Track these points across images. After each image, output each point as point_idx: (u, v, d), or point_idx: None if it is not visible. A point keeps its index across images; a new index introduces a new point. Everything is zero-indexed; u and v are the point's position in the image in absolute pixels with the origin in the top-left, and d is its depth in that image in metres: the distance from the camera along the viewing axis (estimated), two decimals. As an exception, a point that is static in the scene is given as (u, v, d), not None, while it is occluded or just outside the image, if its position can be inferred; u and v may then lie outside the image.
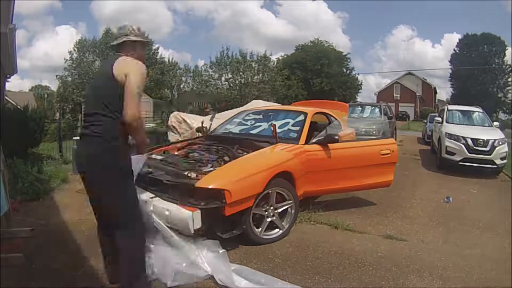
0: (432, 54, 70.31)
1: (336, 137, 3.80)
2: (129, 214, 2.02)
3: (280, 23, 69.59)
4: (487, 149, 6.78)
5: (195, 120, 7.19)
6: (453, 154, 7.01)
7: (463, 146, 6.91)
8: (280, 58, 30.47)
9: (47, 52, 64.07)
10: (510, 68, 36.54)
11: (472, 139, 6.90)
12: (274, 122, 4.01)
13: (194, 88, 25.38)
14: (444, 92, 68.98)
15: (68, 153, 7.17)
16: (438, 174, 6.93)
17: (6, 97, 11.59)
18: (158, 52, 28.18)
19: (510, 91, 37.26)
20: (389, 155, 4.10)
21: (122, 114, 1.88)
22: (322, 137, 3.80)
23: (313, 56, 29.27)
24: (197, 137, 4.59)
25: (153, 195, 2.94)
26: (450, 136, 7.18)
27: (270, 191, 3.09)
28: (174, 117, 7.71)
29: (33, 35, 77.11)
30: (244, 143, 3.69)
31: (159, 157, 3.52)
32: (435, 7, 71.20)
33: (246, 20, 65.59)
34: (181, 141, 4.54)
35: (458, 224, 3.93)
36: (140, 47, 2.20)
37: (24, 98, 19.53)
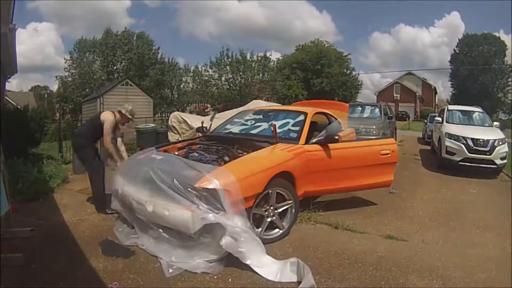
0: (422, 42, 68.02)
1: (336, 137, 3.80)
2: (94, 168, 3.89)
3: (245, 7, 63.75)
4: (487, 149, 6.78)
5: (195, 120, 7.21)
6: (453, 154, 7.01)
7: (463, 146, 6.91)
8: (280, 58, 30.47)
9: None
10: (510, 68, 36.54)
11: (472, 139, 6.90)
12: (274, 122, 4.01)
13: (194, 88, 25.36)
14: (440, 85, 66.68)
15: (68, 153, 7.17)
16: (438, 174, 6.93)
17: (6, 97, 11.59)
18: (158, 53, 28.21)
19: (510, 91, 37.26)
20: (389, 155, 4.10)
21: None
22: (322, 137, 3.80)
23: (313, 56, 29.26)
24: (197, 137, 4.59)
25: (153, 195, 2.95)
26: (450, 136, 7.18)
27: (270, 191, 3.09)
28: (174, 117, 7.73)
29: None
30: (244, 143, 3.69)
31: (159, 157, 3.52)
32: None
33: (205, 5, 60.21)
34: (181, 141, 4.55)
35: (458, 224, 3.92)
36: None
37: (24, 98, 19.57)
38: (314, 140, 3.81)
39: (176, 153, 3.76)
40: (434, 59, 65.84)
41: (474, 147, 6.82)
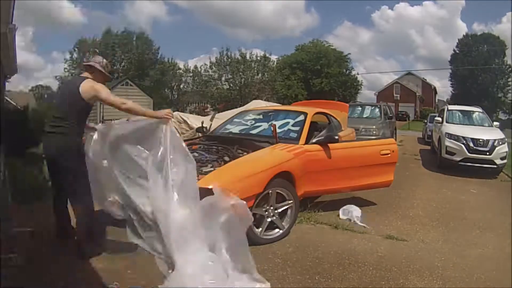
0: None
1: (336, 137, 3.80)
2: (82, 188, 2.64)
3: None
4: (487, 149, 6.79)
5: (195, 120, 7.21)
6: (453, 154, 7.01)
7: (463, 146, 6.91)
8: (280, 58, 30.47)
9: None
10: (510, 68, 36.57)
11: (472, 139, 6.91)
12: (274, 122, 4.01)
13: (194, 88, 25.42)
14: (432, 78, 62.14)
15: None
16: (438, 174, 6.93)
17: (6, 97, 11.59)
18: (158, 53, 28.24)
19: (510, 91, 37.29)
20: (389, 155, 4.10)
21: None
22: (322, 137, 3.80)
23: (313, 56, 29.27)
24: (197, 137, 4.59)
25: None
26: (450, 136, 7.18)
27: (270, 191, 3.09)
28: (174, 117, 7.72)
29: None
30: (244, 143, 3.69)
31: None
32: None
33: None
34: (181, 141, 4.54)
35: (458, 224, 3.93)
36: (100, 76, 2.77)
37: (24, 98, 19.57)
38: (314, 140, 3.81)
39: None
40: (422, 46, 62.26)
41: (474, 147, 6.83)
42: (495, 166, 6.80)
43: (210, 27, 56.06)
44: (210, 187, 2.70)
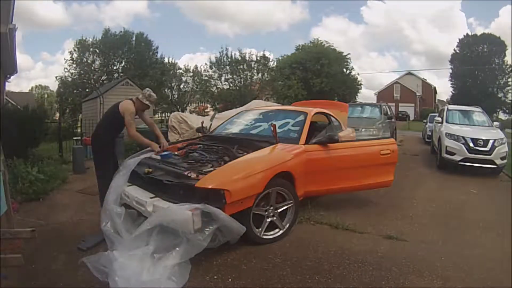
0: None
1: (336, 137, 3.80)
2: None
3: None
4: (487, 149, 6.77)
5: (195, 120, 7.20)
6: (453, 154, 7.01)
7: (463, 146, 6.90)
8: (280, 58, 30.42)
9: None
10: (510, 68, 36.54)
11: (472, 139, 6.90)
12: (274, 122, 4.01)
13: (194, 88, 25.36)
14: (427, 74, 59.80)
15: (68, 153, 7.19)
16: (438, 174, 6.93)
17: (6, 97, 11.59)
18: (157, 52, 28.20)
19: (510, 91, 37.22)
20: (389, 155, 4.10)
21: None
22: (322, 137, 3.80)
23: (313, 56, 29.26)
24: (197, 137, 4.59)
25: (153, 195, 2.95)
26: (450, 136, 7.18)
27: (270, 191, 3.09)
28: (174, 117, 7.71)
29: None
30: (244, 143, 3.70)
31: (159, 158, 3.53)
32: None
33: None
34: (181, 141, 4.55)
35: (458, 224, 3.92)
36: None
37: (24, 98, 19.58)
38: (314, 140, 3.81)
39: (176, 153, 3.77)
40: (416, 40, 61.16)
41: (474, 147, 6.81)
42: (495, 166, 6.79)
43: (195, 23, 55.50)
44: (210, 187, 2.71)
